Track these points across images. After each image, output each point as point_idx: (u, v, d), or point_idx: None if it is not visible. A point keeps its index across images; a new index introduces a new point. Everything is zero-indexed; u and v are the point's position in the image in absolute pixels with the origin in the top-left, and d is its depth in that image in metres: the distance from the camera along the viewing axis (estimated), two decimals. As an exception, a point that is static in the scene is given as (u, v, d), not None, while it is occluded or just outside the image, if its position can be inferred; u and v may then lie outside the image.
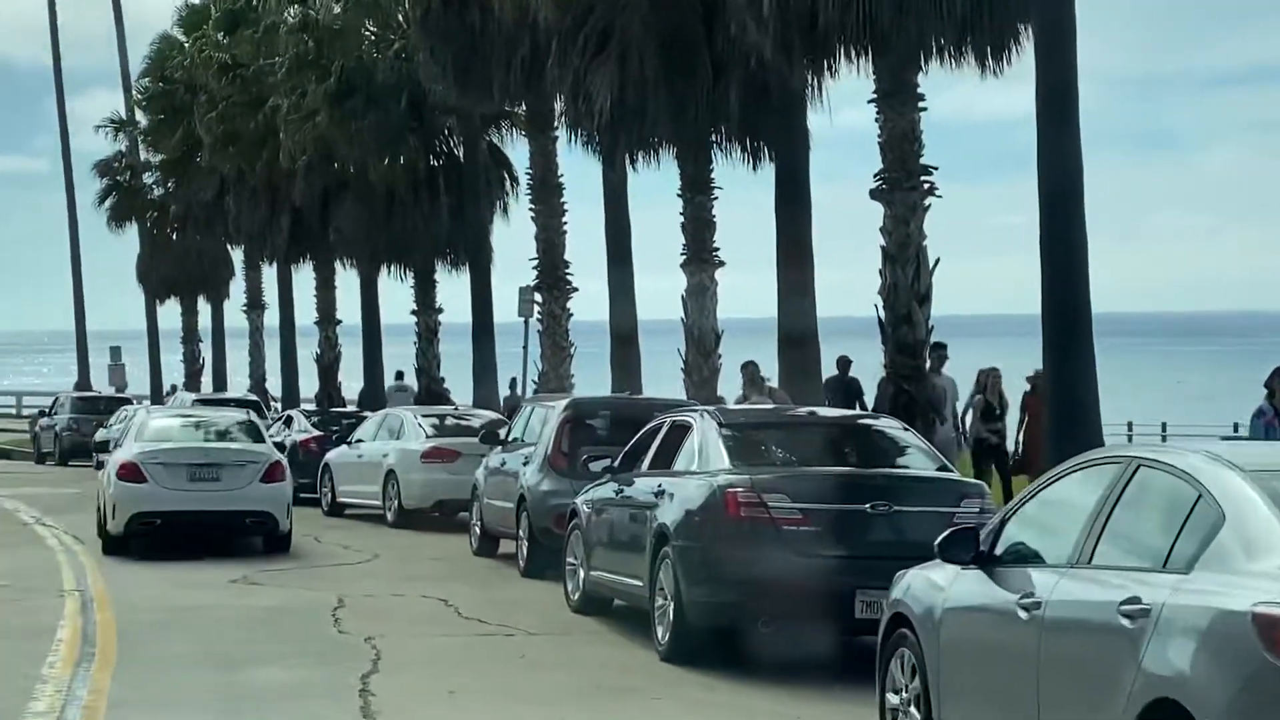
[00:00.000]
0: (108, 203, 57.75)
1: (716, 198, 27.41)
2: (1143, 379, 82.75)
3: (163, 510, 21.31)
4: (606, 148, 26.12)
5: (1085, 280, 16.60)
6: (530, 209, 33.24)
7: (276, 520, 21.51)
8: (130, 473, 21.39)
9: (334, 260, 44.48)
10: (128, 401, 51.25)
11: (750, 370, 22.47)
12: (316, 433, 32.44)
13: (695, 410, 15.58)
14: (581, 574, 16.41)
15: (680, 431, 14.91)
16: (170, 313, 59.37)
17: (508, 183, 39.37)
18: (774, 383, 23.58)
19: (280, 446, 25.93)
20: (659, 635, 13.92)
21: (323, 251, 43.76)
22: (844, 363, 25.19)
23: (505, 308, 35.33)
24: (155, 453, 21.62)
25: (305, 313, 47.97)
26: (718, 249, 27.51)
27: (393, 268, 40.10)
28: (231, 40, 44.25)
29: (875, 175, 21.57)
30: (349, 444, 29.32)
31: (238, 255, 54.83)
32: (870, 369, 23.91)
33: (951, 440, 21.57)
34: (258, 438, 22.76)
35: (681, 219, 27.46)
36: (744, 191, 30.96)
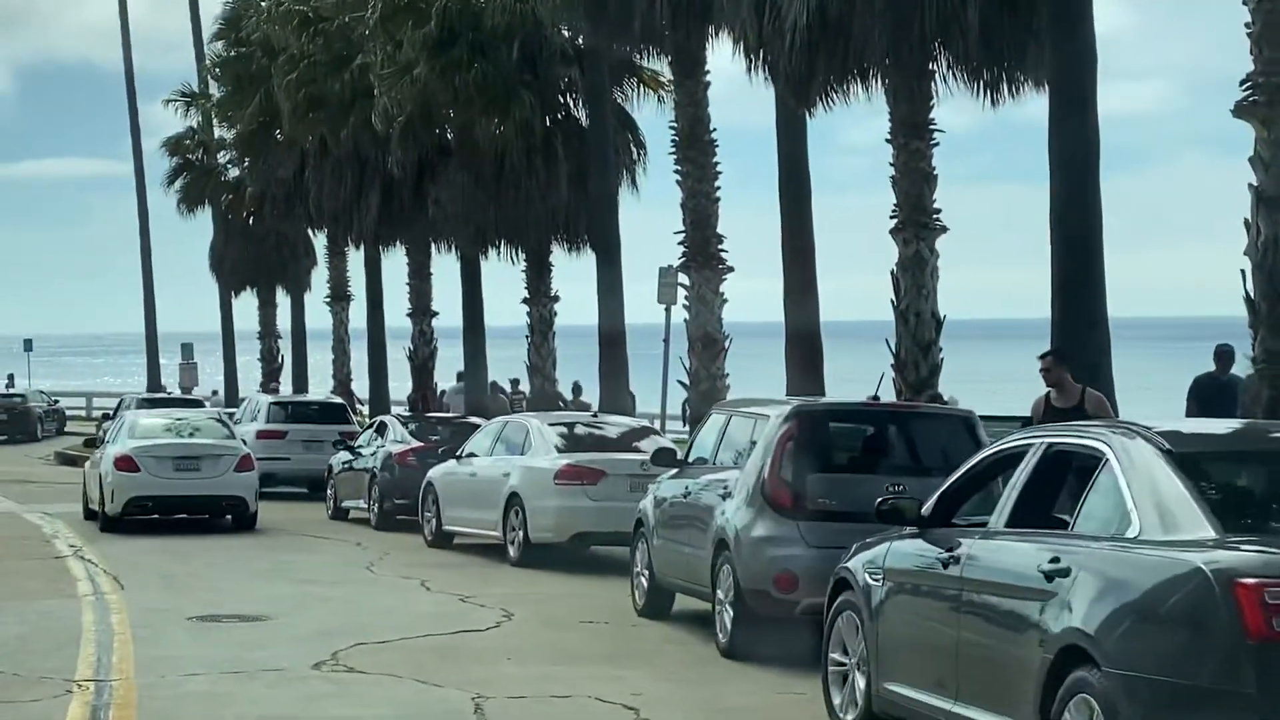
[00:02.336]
0: (178, 184, 52.18)
1: (936, 143, 21.39)
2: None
3: (154, 495, 24.98)
4: (798, 79, 20.18)
5: None
6: (676, 170, 27.31)
7: (247, 503, 25.21)
8: (126, 463, 24.83)
9: (430, 243, 38.73)
10: (197, 403, 45.93)
11: (1052, 363, 15.74)
12: (416, 443, 26.73)
13: (1109, 430, 9.12)
14: (861, 683, 10.41)
15: (1079, 463, 8.90)
16: (247, 307, 53.93)
17: (635, 151, 33.50)
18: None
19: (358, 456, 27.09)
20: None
21: (418, 232, 38.00)
22: (1226, 356, 18.68)
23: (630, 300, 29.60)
24: (147, 447, 25.05)
25: (395, 307, 42.28)
26: (939, 210, 21.48)
27: (501, 249, 34.15)
28: (313, -10, 38.64)
29: (1242, 85, 15.54)
30: (458, 458, 23.62)
31: (320, 242, 49.24)
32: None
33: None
34: (229, 434, 26.45)
35: (892, 171, 21.45)
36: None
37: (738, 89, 32.20)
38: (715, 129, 27.11)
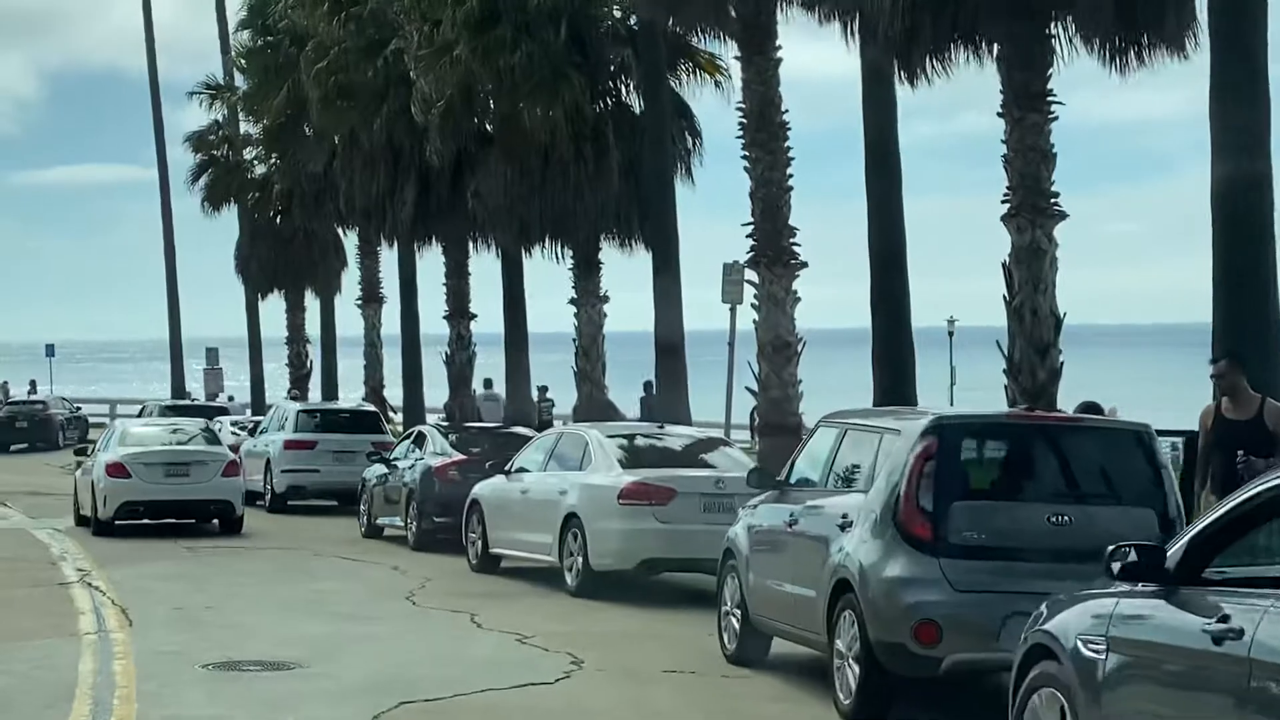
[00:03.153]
0: (202, 181, 49.83)
1: (1055, 117, 18.90)
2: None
3: (145, 500, 25.47)
4: (900, 41, 17.71)
5: None
6: (744, 156, 24.87)
7: (234, 506, 25.88)
8: (117, 470, 25.44)
9: (469, 240, 36.38)
10: (222, 411, 43.76)
11: (1227, 368, 13.31)
12: (458, 456, 24.35)
13: None
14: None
15: None
16: (274, 314, 51.63)
17: (690, 141, 31.08)
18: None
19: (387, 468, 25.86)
20: None
21: (455, 228, 35.65)
22: None
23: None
24: (137, 454, 25.73)
25: (430, 309, 39.93)
26: (1057, 195, 18.97)
27: (546, 246, 31.67)
28: (344, -27, 36.31)
29: None
30: (507, 473, 21.25)
31: (350, 242, 46.99)
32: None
33: None
34: (216, 441, 27.27)
35: (1005, 150, 18.97)
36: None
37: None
38: (787, 110, 24.68)
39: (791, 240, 24.58)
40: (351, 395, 44.70)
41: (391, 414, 41.90)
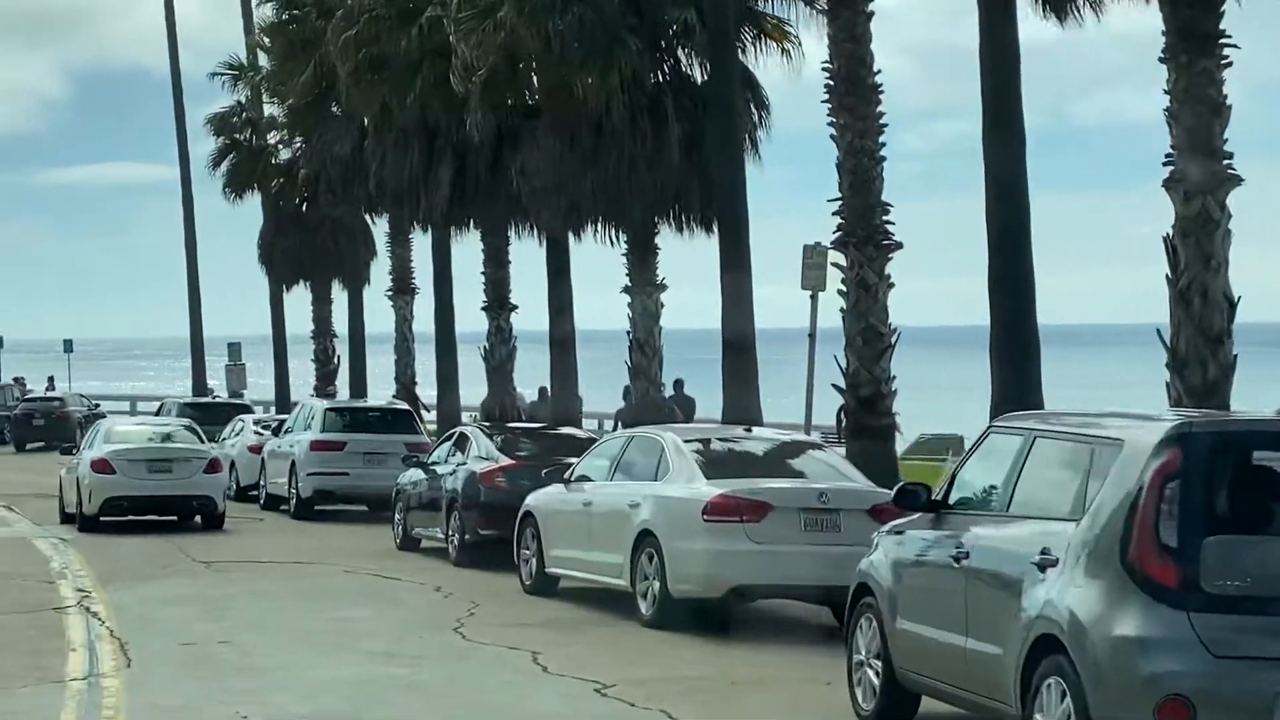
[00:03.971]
0: (223, 166, 47.06)
1: (1229, 62, 16.05)
2: None
3: (129, 495, 25.75)
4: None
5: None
6: (830, 123, 22.05)
7: (215, 502, 26.09)
8: (102, 466, 25.72)
9: (509, 225, 33.62)
10: (246, 409, 41.08)
11: None
12: (505, 460, 21.59)
13: None
14: None
15: None
16: (299, 304, 48.90)
17: (756, 114, 28.24)
18: None
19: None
20: None
21: (496, 212, 32.86)
22: None
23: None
24: (122, 451, 26.02)
25: (466, 303, 37.11)
26: (1230, 155, 16.12)
27: (599, 228, 28.77)
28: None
29: None
30: (566, 482, 18.50)
31: (380, 231, 44.20)
32: None
33: None
34: (199, 439, 27.37)
35: (1168, 100, 16.09)
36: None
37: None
38: (880, 70, 21.81)
39: (885, 219, 21.76)
40: (382, 393, 41.89)
41: (424, 411, 39.11)
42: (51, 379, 64.47)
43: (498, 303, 35.02)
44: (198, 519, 26.15)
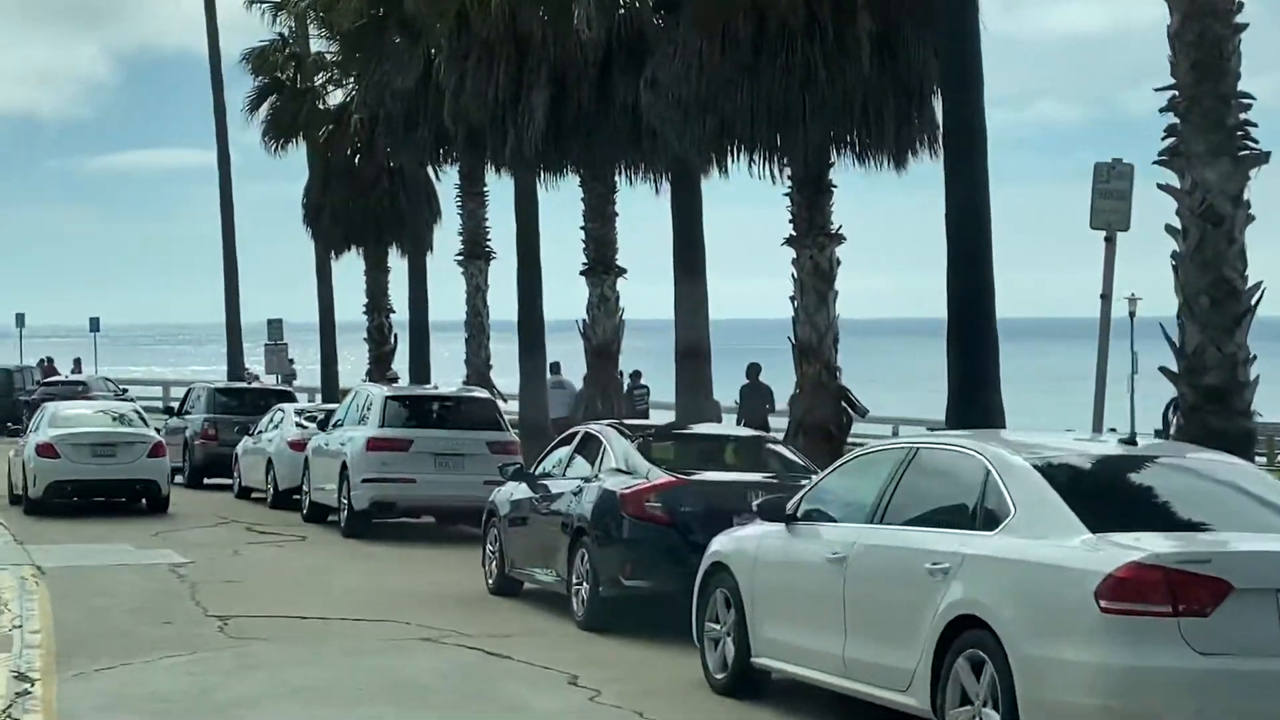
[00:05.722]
0: (263, 110, 39.98)
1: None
2: None
3: (73, 479, 26.02)
4: None
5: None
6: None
7: (159, 486, 26.30)
8: (47, 450, 25.99)
9: (616, 166, 26.59)
10: (288, 395, 34.35)
11: None
12: (664, 477, 14.59)
13: None
14: None
15: None
16: (349, 274, 41.74)
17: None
18: None
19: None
20: None
21: (602, 150, 25.83)
22: None
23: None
24: (66, 435, 26.25)
25: (555, 268, 30.06)
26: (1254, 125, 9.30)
27: (756, 157, 21.44)
28: None
29: None
30: (788, 520, 11.57)
31: (448, 185, 36.81)
32: None
33: None
34: (143, 422, 27.91)
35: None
36: None
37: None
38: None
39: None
40: (449, 381, 34.85)
41: (501, 401, 32.00)
42: (78, 361, 58.40)
43: (601, 264, 27.92)
44: (143, 501, 26.13)
